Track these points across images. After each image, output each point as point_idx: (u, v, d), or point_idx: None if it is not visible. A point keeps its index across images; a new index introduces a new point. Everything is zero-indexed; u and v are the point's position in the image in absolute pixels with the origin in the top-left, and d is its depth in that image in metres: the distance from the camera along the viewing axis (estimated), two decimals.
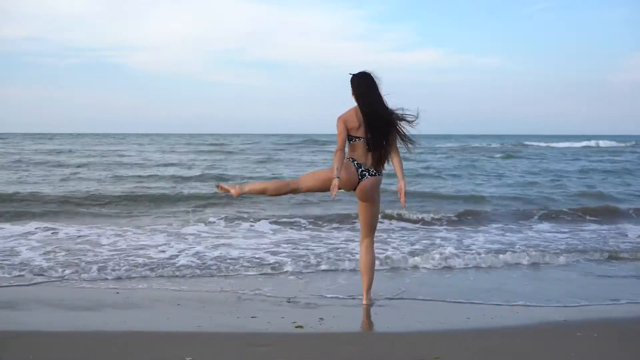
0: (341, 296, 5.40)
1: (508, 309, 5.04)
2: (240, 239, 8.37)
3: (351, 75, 4.88)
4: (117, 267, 6.40)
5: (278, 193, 5.00)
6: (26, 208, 11.09)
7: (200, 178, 17.18)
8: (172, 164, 22.77)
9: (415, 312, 4.96)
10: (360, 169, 4.81)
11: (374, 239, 5.12)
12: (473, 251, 7.58)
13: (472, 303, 5.21)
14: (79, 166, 20.89)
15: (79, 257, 6.90)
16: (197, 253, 7.24)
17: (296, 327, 4.40)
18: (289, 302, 5.18)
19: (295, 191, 4.98)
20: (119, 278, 6.08)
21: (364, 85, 4.82)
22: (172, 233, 8.62)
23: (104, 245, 7.69)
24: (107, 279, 6.05)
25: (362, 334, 4.44)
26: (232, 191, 5.03)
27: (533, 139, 67.99)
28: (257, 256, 7.09)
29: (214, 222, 9.65)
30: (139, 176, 17.64)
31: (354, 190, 4.85)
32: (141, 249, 7.45)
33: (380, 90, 4.84)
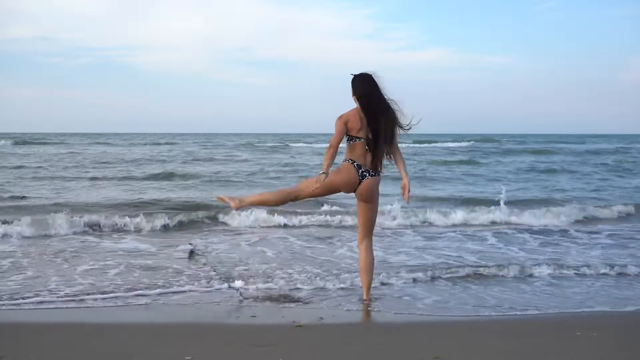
0: (341, 295, 5.41)
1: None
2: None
3: (352, 76, 4.88)
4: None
5: (280, 203, 4.98)
6: None
7: None
8: None
9: (417, 311, 4.98)
10: (360, 170, 4.82)
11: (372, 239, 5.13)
12: None
13: (475, 301, 5.22)
14: None
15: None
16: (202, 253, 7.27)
17: (296, 326, 4.41)
18: (289, 301, 5.18)
19: (296, 199, 4.95)
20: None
21: (366, 86, 4.82)
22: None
23: None
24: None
25: (362, 333, 4.43)
26: (232, 204, 4.96)
27: (536, 138, 67.52)
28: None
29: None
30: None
31: (354, 192, 4.87)
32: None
33: (381, 90, 4.84)
